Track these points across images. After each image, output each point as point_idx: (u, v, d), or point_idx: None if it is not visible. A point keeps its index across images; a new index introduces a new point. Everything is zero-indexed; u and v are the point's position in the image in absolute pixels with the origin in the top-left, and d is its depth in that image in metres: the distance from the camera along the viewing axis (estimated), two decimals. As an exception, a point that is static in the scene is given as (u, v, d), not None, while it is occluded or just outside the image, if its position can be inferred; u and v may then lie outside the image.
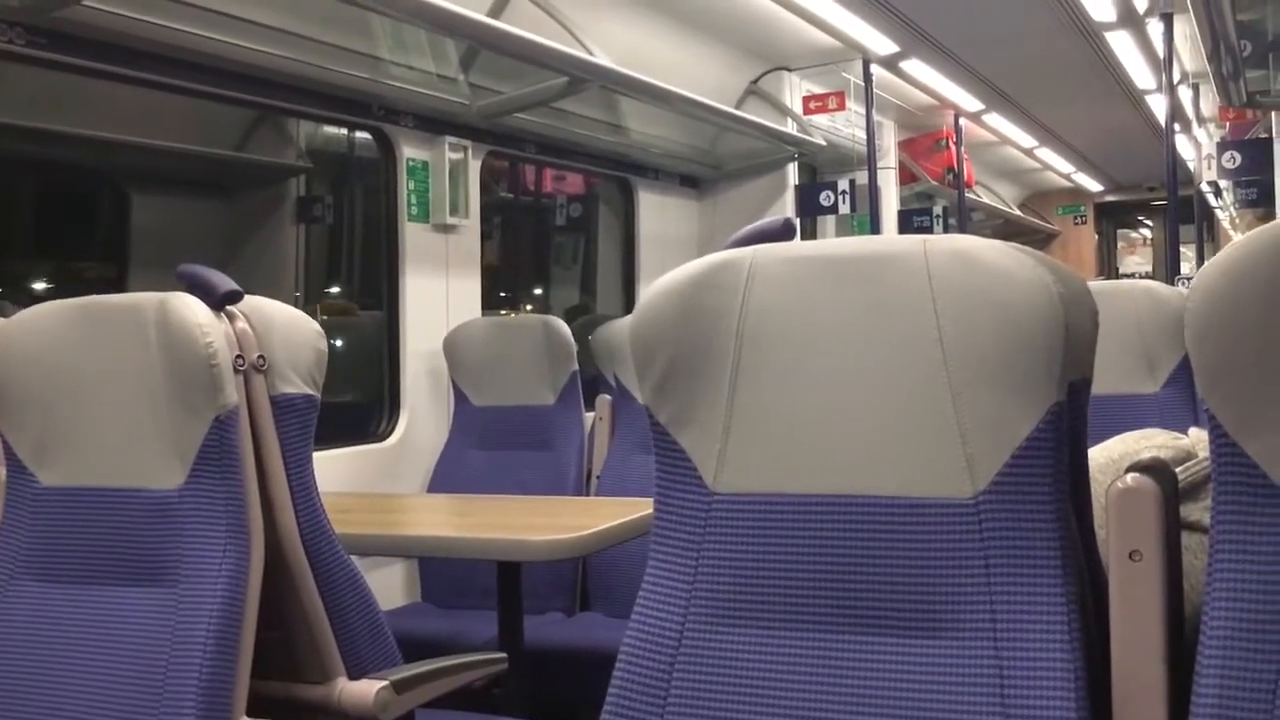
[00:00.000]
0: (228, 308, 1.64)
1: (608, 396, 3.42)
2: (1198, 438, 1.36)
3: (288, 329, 1.70)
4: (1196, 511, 1.20)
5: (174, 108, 3.48)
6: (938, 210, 6.60)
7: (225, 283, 1.63)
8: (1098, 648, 1.08)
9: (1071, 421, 1.10)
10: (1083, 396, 1.13)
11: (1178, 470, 1.17)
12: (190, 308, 1.58)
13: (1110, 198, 11.49)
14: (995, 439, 1.09)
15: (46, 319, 1.70)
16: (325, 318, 4.37)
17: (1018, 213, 10.09)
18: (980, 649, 1.08)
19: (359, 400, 3.82)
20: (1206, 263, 1.02)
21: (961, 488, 1.10)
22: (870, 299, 1.15)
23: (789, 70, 5.17)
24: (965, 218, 7.38)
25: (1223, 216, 10.88)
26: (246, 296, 1.66)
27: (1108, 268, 12.56)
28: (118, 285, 3.96)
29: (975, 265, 1.11)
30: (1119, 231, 13.09)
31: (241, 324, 1.64)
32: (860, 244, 1.19)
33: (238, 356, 1.60)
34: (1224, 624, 0.98)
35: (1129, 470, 1.07)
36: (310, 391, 1.71)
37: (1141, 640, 1.04)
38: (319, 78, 3.12)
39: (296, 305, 1.79)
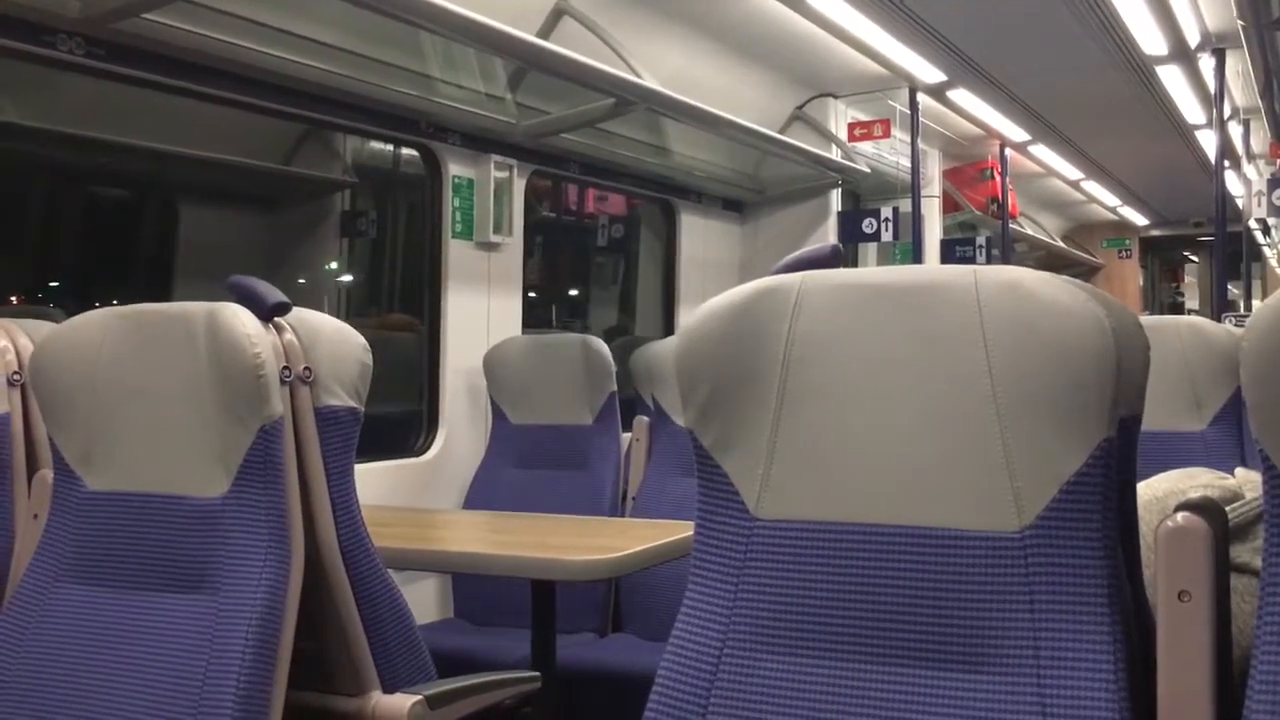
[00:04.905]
0: (276, 319, 1.65)
1: (645, 418, 3.42)
2: (1244, 478, 1.34)
3: (334, 342, 1.71)
4: (1245, 553, 1.19)
5: (224, 121, 3.52)
6: (981, 240, 6.55)
7: (274, 294, 1.64)
8: (1143, 688, 1.06)
9: (1121, 458, 1.09)
10: (1133, 432, 1.12)
11: (1227, 510, 1.15)
12: (239, 318, 1.60)
13: (1156, 232, 11.38)
14: (1044, 473, 1.08)
15: (96, 326, 1.73)
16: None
17: (1061, 245, 10.01)
18: (1023, 685, 1.07)
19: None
20: (1263, 302, 1.00)
21: (1008, 521, 1.09)
22: (919, 329, 1.15)
23: (835, 97, 5.16)
24: (1009, 248, 7.33)
25: (1271, 254, 10.75)
26: (294, 309, 1.68)
27: (1153, 303, 12.44)
28: (165, 295, 4.01)
29: (1026, 297, 1.10)
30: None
31: (289, 335, 1.65)
32: (910, 273, 1.19)
33: (284, 368, 1.61)
34: (1273, 669, 0.96)
35: (1179, 509, 1.06)
36: (354, 404, 1.73)
37: (1189, 682, 1.02)
38: (369, 94, 3.15)
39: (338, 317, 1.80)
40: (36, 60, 2.45)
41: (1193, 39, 4.72)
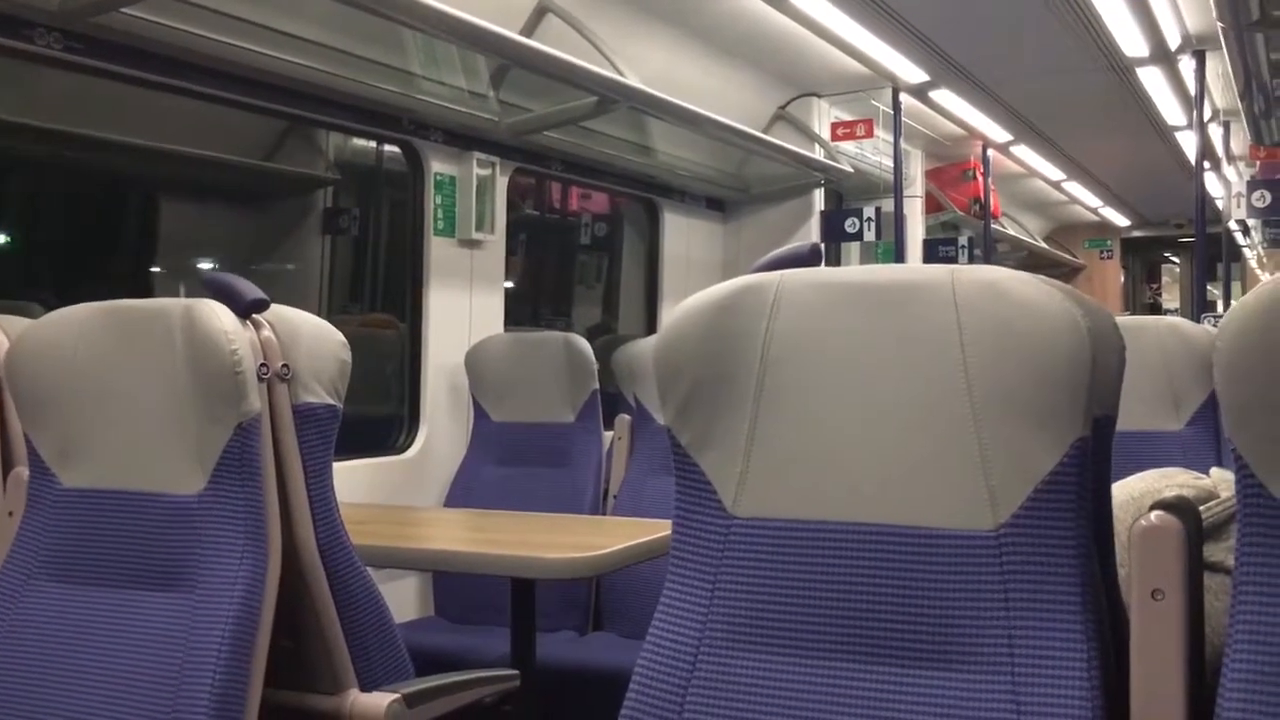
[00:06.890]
0: (254, 316, 1.64)
1: (627, 416, 3.41)
2: (1219, 477, 1.35)
3: (312, 339, 1.71)
4: (1219, 552, 1.19)
5: (205, 115, 3.51)
6: (963, 240, 6.57)
7: (252, 291, 1.64)
8: (1117, 686, 1.07)
9: (1096, 457, 1.10)
10: (1108, 432, 1.12)
11: (1201, 509, 1.16)
12: (217, 315, 1.59)
13: (1137, 233, 11.44)
14: (1018, 472, 1.08)
15: (73, 322, 1.72)
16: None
17: (1043, 245, 10.04)
18: (997, 683, 1.07)
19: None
20: (1236, 302, 1.01)
21: (983, 520, 1.10)
22: (896, 328, 1.15)
23: (818, 96, 5.17)
24: (991, 248, 7.36)
25: (1251, 255, 10.82)
26: (272, 305, 1.67)
27: (1134, 303, 12.50)
28: (144, 290, 3.99)
29: (1003, 297, 1.11)
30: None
31: (267, 332, 1.64)
32: (888, 272, 1.19)
33: (262, 365, 1.61)
34: (1246, 667, 0.97)
35: (1153, 508, 1.06)
36: (332, 402, 1.72)
37: (1161, 680, 1.03)
38: (351, 90, 3.14)
39: (319, 314, 1.79)
40: (13, 55, 2.44)
41: (1173, 41, 4.74)
